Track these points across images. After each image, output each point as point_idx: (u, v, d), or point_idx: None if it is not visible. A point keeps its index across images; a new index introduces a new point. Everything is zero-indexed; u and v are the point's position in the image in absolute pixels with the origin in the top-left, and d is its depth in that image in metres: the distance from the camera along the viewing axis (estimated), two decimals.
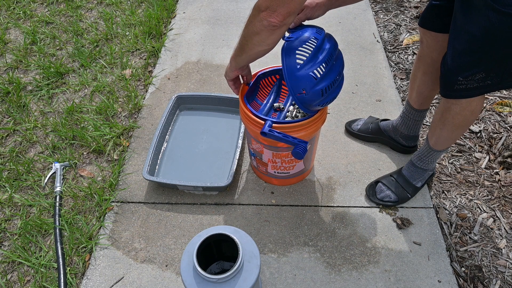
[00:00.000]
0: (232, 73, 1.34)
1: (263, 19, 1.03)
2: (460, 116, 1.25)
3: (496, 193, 1.61)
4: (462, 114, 1.24)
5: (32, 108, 2.02)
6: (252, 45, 1.13)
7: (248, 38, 1.12)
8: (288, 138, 1.26)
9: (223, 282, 1.00)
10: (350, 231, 1.50)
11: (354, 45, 2.28)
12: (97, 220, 1.56)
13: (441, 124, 1.32)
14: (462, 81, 1.13)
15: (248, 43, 1.14)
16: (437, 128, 1.35)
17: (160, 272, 1.41)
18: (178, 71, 2.17)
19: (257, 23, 1.05)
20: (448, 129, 1.31)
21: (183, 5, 2.65)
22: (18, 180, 1.71)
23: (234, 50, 1.25)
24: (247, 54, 1.19)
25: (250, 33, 1.10)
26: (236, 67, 1.30)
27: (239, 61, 1.26)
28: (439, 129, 1.34)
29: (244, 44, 1.16)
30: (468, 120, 1.26)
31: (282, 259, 1.43)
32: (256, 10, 1.04)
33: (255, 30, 1.07)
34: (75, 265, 1.44)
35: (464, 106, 1.22)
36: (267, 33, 1.06)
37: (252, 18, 1.06)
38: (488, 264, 1.42)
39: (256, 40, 1.10)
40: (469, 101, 1.20)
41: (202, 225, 1.53)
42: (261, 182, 1.66)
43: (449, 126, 1.30)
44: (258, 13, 1.03)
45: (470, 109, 1.22)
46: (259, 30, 1.06)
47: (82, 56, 2.26)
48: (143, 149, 1.80)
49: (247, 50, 1.17)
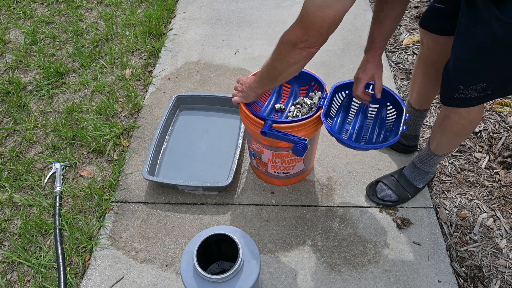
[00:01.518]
0: (254, 98, 1.34)
1: (303, 50, 1.03)
2: (459, 125, 1.25)
3: (496, 193, 1.61)
4: (461, 123, 1.24)
5: (32, 108, 2.02)
6: (287, 74, 1.15)
7: (282, 70, 1.14)
8: (288, 136, 1.26)
9: (223, 282, 1.00)
10: (350, 231, 1.50)
11: (354, 45, 2.28)
12: (97, 220, 1.56)
13: (441, 131, 1.32)
14: (464, 90, 1.12)
15: (283, 73, 1.15)
16: (437, 134, 1.35)
17: (160, 272, 1.41)
18: (178, 71, 2.17)
19: (294, 56, 1.06)
20: (447, 136, 1.32)
21: (183, 5, 2.65)
22: (18, 180, 1.71)
23: (257, 82, 1.25)
24: (281, 82, 1.22)
25: (285, 65, 1.11)
26: (261, 94, 1.32)
27: (268, 89, 1.29)
28: (439, 135, 1.34)
29: (277, 76, 1.17)
30: (467, 129, 1.26)
31: (282, 259, 1.43)
32: (290, 44, 1.04)
33: (292, 61, 1.08)
34: (75, 265, 1.44)
35: (463, 115, 1.22)
36: (306, 60, 1.08)
37: (286, 53, 1.07)
38: (488, 264, 1.42)
39: (293, 68, 1.12)
40: (468, 111, 1.20)
41: (202, 225, 1.53)
42: (261, 182, 1.66)
43: (448, 134, 1.30)
44: (293, 47, 1.04)
45: (469, 119, 1.22)
46: (298, 60, 1.07)
47: (82, 56, 2.26)
48: (143, 149, 1.80)
49: (281, 80, 1.19)
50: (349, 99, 1.46)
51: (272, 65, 1.16)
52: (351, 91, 1.41)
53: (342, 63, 2.17)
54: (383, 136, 1.39)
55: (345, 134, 1.42)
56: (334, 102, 1.43)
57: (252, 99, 1.34)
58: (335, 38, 2.31)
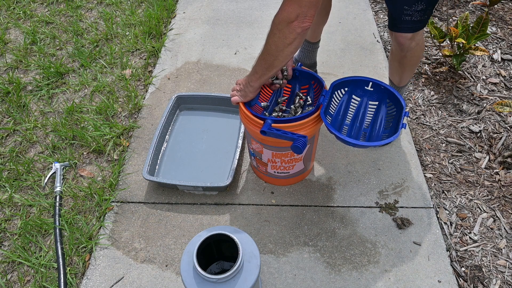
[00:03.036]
0: (253, 95, 1.34)
1: (296, 27, 1.06)
2: (415, 57, 1.49)
3: (496, 193, 1.61)
4: (417, 55, 1.48)
5: (32, 108, 2.02)
6: (283, 57, 1.17)
7: (278, 53, 1.15)
8: (287, 134, 1.26)
9: (223, 282, 1.00)
10: (350, 231, 1.50)
11: (354, 45, 2.28)
12: (97, 220, 1.56)
13: (401, 69, 1.54)
14: (408, 10, 1.29)
15: (278, 57, 1.16)
16: (398, 71, 1.58)
17: (160, 272, 1.41)
18: (178, 71, 2.17)
19: (289, 35, 1.08)
20: (410, 70, 1.56)
21: (183, 5, 2.65)
22: (18, 180, 1.71)
23: (252, 75, 1.27)
24: (276, 68, 1.22)
25: (280, 47, 1.12)
26: (258, 88, 1.32)
27: (264, 80, 1.28)
28: (401, 72, 1.56)
29: (272, 61, 1.18)
30: (420, 57, 1.52)
31: (282, 259, 1.43)
32: (284, 23, 1.07)
33: (287, 41, 1.10)
34: (75, 265, 1.44)
35: (416, 48, 1.43)
36: (300, 39, 1.10)
37: (280, 33, 1.09)
38: (488, 264, 1.42)
39: (288, 50, 1.13)
40: (419, 43, 1.42)
41: (202, 225, 1.53)
42: (261, 182, 1.66)
43: (410, 68, 1.55)
44: (288, 24, 1.06)
45: (421, 48, 1.47)
46: (293, 40, 1.09)
47: (82, 56, 2.26)
48: (143, 149, 1.80)
49: (277, 65, 1.20)
50: (348, 97, 1.46)
51: (266, 51, 1.17)
52: (351, 88, 1.44)
53: (342, 63, 2.17)
54: (382, 133, 1.39)
55: (345, 131, 1.42)
56: (334, 100, 1.43)
57: (251, 96, 1.34)
58: (335, 38, 2.31)
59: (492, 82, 2.05)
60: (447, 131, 1.84)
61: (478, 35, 1.95)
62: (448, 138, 1.81)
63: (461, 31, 1.97)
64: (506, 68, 2.12)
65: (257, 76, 1.26)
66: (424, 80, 2.09)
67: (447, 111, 1.93)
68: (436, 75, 2.11)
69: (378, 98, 1.42)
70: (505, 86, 2.03)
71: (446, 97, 2.00)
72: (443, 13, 2.49)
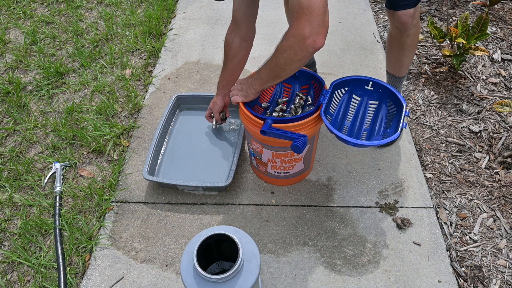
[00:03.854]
0: (254, 96, 1.36)
1: (309, 46, 1.07)
2: (415, 40, 1.51)
3: (496, 193, 1.61)
4: (416, 38, 1.50)
5: (32, 108, 2.02)
6: (291, 71, 1.19)
7: (286, 67, 1.17)
8: (287, 134, 1.26)
9: (223, 282, 1.00)
10: (350, 231, 1.50)
11: (354, 45, 2.28)
12: (97, 220, 1.56)
13: (402, 56, 1.55)
14: None
15: (286, 70, 1.18)
16: (398, 60, 1.59)
17: (160, 272, 1.41)
18: (178, 71, 2.17)
19: (300, 53, 1.10)
20: (410, 55, 1.56)
21: (183, 5, 2.65)
22: (18, 180, 1.71)
23: (256, 79, 1.29)
24: (282, 79, 1.25)
25: (289, 62, 1.14)
26: (260, 91, 1.34)
27: (267, 86, 1.31)
28: (402, 58, 1.57)
29: (279, 72, 1.20)
30: (418, 36, 1.53)
31: (282, 259, 1.43)
32: (296, 41, 1.07)
33: (297, 58, 1.12)
34: (75, 265, 1.44)
35: (413, 32, 1.46)
36: (309, 57, 1.12)
37: (291, 50, 1.10)
38: (488, 264, 1.42)
39: (297, 65, 1.16)
40: (418, 20, 1.44)
41: (202, 225, 1.53)
42: (261, 182, 1.66)
43: (410, 53, 1.55)
44: (300, 43, 1.07)
45: (417, 30, 1.49)
46: (303, 57, 1.11)
47: (82, 56, 2.26)
48: (143, 149, 1.80)
49: (283, 76, 1.22)
50: (348, 96, 1.46)
51: (275, 63, 1.18)
52: (351, 88, 1.45)
53: (342, 63, 2.17)
54: (383, 132, 1.39)
55: (345, 131, 1.42)
56: (334, 100, 1.43)
57: (252, 97, 1.35)
58: (335, 38, 2.31)
59: (492, 82, 2.05)
60: (447, 131, 1.84)
61: (478, 35, 1.95)
62: (448, 138, 1.81)
63: (461, 31, 1.97)
64: (506, 68, 2.12)
65: (261, 82, 1.29)
66: (424, 80, 2.09)
67: (447, 111, 1.93)
68: (436, 75, 2.11)
69: (378, 98, 1.42)
70: (505, 86, 2.03)
71: (446, 97, 2.00)
72: (443, 13, 2.49)
